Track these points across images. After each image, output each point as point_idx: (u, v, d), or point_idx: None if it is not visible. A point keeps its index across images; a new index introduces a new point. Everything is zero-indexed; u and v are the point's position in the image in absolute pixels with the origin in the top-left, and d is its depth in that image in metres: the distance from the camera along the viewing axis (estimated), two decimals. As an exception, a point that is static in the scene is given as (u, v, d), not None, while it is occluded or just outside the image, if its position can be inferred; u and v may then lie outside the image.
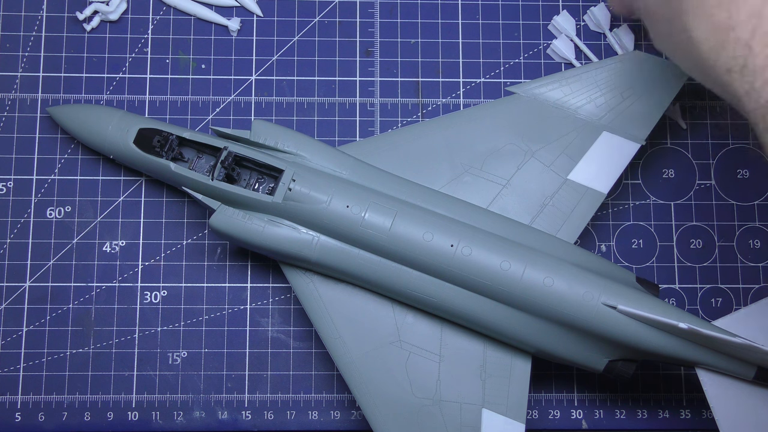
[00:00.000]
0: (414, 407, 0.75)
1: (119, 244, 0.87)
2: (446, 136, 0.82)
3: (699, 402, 0.85)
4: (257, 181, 0.79)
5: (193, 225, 0.88)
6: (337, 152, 0.79)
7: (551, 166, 0.81)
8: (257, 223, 0.76)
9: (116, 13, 0.91)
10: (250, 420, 0.85)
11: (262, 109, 0.90)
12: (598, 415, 0.86)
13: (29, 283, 0.86)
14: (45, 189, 0.87)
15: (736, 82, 0.59)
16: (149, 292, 0.87)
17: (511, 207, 0.80)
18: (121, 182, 0.88)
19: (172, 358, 0.86)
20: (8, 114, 0.89)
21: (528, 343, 0.75)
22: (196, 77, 0.91)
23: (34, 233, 0.87)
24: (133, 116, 0.82)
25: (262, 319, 0.87)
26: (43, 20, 0.91)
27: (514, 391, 0.76)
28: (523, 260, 0.73)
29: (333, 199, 0.75)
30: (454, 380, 0.76)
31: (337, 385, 0.85)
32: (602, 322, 0.72)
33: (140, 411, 0.85)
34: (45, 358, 0.85)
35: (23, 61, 0.90)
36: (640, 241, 0.89)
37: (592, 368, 0.76)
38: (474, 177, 0.81)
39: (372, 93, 0.91)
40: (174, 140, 0.80)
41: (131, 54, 0.91)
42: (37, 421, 0.84)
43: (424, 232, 0.74)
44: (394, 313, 0.78)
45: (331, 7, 0.93)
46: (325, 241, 0.76)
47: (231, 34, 0.92)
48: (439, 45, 0.93)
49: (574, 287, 0.73)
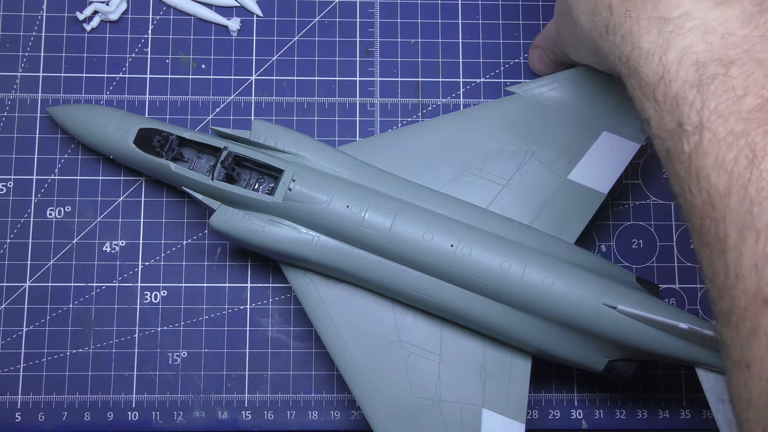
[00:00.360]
0: (414, 407, 0.75)
1: (119, 244, 0.87)
2: (446, 136, 0.82)
3: (699, 402, 0.86)
4: (257, 181, 0.79)
5: (193, 225, 0.88)
6: (337, 152, 0.79)
7: (551, 166, 0.81)
8: (257, 223, 0.76)
9: (116, 13, 0.91)
10: (250, 420, 0.85)
11: (262, 109, 0.90)
12: (598, 415, 0.86)
13: (29, 283, 0.86)
14: (45, 189, 0.88)
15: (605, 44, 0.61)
16: (149, 292, 0.87)
17: (511, 207, 0.80)
18: (121, 182, 0.88)
19: (172, 358, 0.86)
20: (8, 114, 0.89)
21: (528, 343, 0.75)
22: (196, 77, 0.91)
23: (34, 233, 0.87)
24: (133, 116, 0.82)
25: (262, 319, 0.87)
26: (43, 20, 0.91)
27: (514, 391, 0.76)
28: (523, 260, 0.73)
29: (333, 199, 0.75)
30: (454, 380, 0.76)
31: (337, 385, 0.85)
32: (602, 322, 0.72)
33: (140, 411, 0.85)
34: (45, 358, 0.85)
35: (23, 61, 0.90)
36: (640, 241, 0.89)
37: (591, 368, 0.76)
38: (474, 177, 0.81)
39: (372, 93, 0.91)
40: (174, 140, 0.80)
41: (131, 54, 0.91)
42: (37, 421, 0.84)
43: (424, 232, 0.74)
44: (394, 313, 0.78)
45: (331, 7, 0.93)
46: (325, 241, 0.76)
47: (231, 34, 0.92)
48: (439, 45, 0.93)
49: (574, 287, 0.73)
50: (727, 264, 0.49)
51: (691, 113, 0.52)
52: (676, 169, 0.54)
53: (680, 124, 0.53)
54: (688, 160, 0.52)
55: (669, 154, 0.55)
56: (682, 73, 0.53)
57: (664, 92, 0.54)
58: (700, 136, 0.51)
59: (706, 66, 0.52)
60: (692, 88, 0.52)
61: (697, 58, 0.53)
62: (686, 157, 0.52)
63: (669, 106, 0.54)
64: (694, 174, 0.52)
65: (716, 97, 0.51)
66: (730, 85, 0.51)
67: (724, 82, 0.51)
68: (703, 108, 0.51)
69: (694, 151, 0.52)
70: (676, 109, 0.53)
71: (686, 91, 0.53)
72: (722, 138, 0.50)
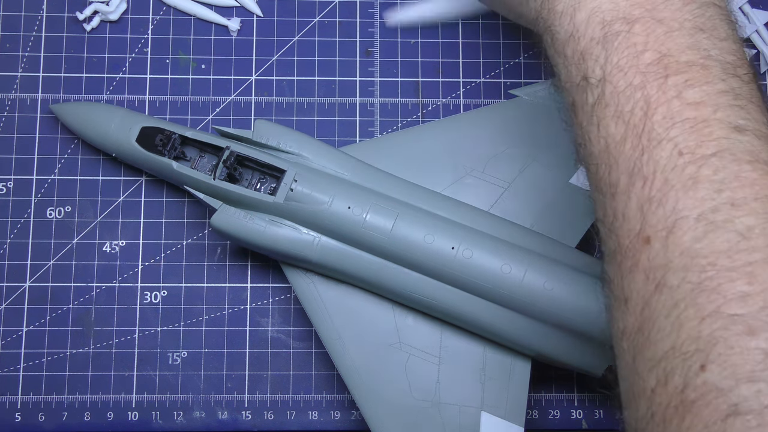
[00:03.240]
0: (413, 409, 0.75)
1: (119, 244, 0.87)
2: (448, 138, 0.82)
3: (697, 402, 0.86)
4: (259, 181, 0.79)
5: (193, 225, 0.88)
6: (339, 153, 0.79)
7: (553, 169, 0.81)
8: (258, 223, 0.76)
9: (116, 13, 0.91)
10: (250, 420, 0.85)
11: (262, 109, 0.90)
12: (598, 415, 0.86)
13: (29, 283, 0.86)
14: (45, 189, 0.87)
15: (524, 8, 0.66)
16: (149, 292, 0.87)
17: (513, 210, 0.80)
18: (121, 182, 0.88)
19: (172, 358, 0.86)
20: (8, 114, 0.89)
21: (527, 346, 0.75)
22: (196, 77, 0.91)
23: (34, 233, 0.87)
24: (136, 114, 0.83)
25: (262, 319, 0.87)
26: (43, 20, 0.91)
27: (513, 395, 0.76)
28: (523, 264, 0.73)
29: (334, 200, 0.75)
30: (453, 383, 0.76)
31: (337, 385, 0.86)
32: (602, 327, 0.72)
33: (140, 411, 0.85)
34: (45, 358, 0.85)
35: (23, 61, 0.90)
36: (639, 241, 0.89)
37: (591, 372, 0.76)
38: (476, 180, 0.81)
39: (372, 93, 0.91)
40: (176, 139, 0.80)
41: (131, 54, 0.91)
42: (37, 421, 0.84)
43: (426, 234, 0.74)
44: (394, 315, 0.78)
45: (331, 7, 0.93)
46: (326, 241, 0.76)
47: (231, 34, 0.92)
48: (439, 45, 0.93)
49: (575, 291, 0.73)
50: (616, 207, 0.53)
51: (595, 68, 0.55)
52: (580, 119, 0.57)
53: (585, 78, 0.56)
54: (591, 111, 0.55)
55: (574, 105, 0.58)
56: (590, 31, 0.56)
57: (573, 48, 0.58)
58: (602, 88, 0.55)
59: (612, 24, 0.55)
60: (597, 45, 0.56)
61: (604, 17, 0.56)
62: (589, 108, 0.56)
63: (576, 61, 0.57)
64: (595, 123, 0.55)
65: (618, 52, 0.54)
66: (632, 41, 0.54)
67: (627, 39, 0.54)
68: (606, 63, 0.55)
69: (597, 102, 0.55)
70: (582, 63, 0.56)
71: (592, 47, 0.56)
72: (621, 90, 0.53)
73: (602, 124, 0.54)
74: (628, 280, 0.52)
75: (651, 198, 0.50)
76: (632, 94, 0.53)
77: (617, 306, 0.54)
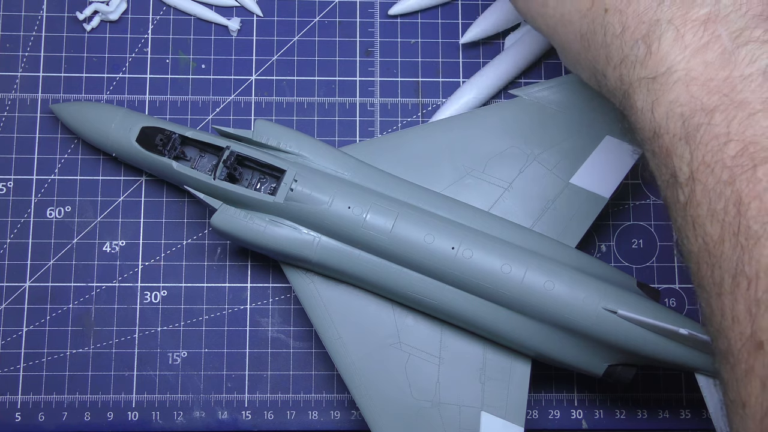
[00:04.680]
0: (413, 409, 0.75)
1: (119, 244, 0.87)
2: (449, 138, 0.82)
3: (699, 402, 0.85)
4: (259, 180, 0.79)
5: (193, 225, 0.88)
6: (340, 153, 0.79)
7: (553, 169, 0.80)
8: (258, 223, 0.76)
9: (116, 13, 0.91)
10: (250, 420, 0.85)
11: (262, 109, 0.90)
12: (598, 415, 0.86)
13: (29, 283, 0.86)
14: (45, 189, 0.87)
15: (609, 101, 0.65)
16: (149, 292, 0.87)
17: (513, 210, 0.80)
18: (121, 182, 0.88)
19: (172, 358, 0.86)
20: (8, 114, 0.89)
21: (528, 346, 0.75)
22: (196, 77, 0.91)
23: (34, 233, 0.87)
24: (136, 114, 0.82)
25: (262, 319, 0.87)
26: (43, 20, 0.91)
27: (513, 395, 0.76)
28: (524, 264, 0.73)
29: (335, 200, 0.75)
30: (453, 383, 0.76)
31: (337, 385, 0.86)
32: (602, 327, 0.72)
33: (140, 411, 0.85)
34: (45, 358, 0.85)
35: (23, 61, 0.90)
36: (640, 241, 0.89)
37: (591, 372, 0.76)
38: (476, 180, 0.81)
39: (372, 93, 0.91)
40: (177, 139, 0.80)
41: (131, 54, 0.91)
42: (37, 421, 0.84)
43: (426, 234, 0.74)
44: (394, 315, 0.78)
45: (331, 7, 0.93)
46: (327, 241, 0.76)
47: (231, 34, 0.92)
48: (439, 45, 0.93)
49: (575, 291, 0.73)
50: (723, 307, 0.51)
51: (682, 165, 0.54)
52: (674, 216, 0.56)
53: (674, 176, 0.55)
54: (684, 210, 0.54)
55: (667, 202, 0.57)
56: (671, 127, 0.55)
57: (659, 146, 0.56)
58: (692, 187, 0.53)
59: (692, 117, 0.53)
60: (680, 141, 0.54)
61: (683, 111, 0.54)
62: (682, 207, 0.54)
63: (663, 160, 0.56)
64: (690, 223, 0.54)
65: (702, 146, 0.52)
66: (714, 133, 0.52)
67: (708, 131, 0.52)
68: (692, 160, 0.53)
69: (688, 202, 0.53)
70: (669, 162, 0.55)
71: (675, 144, 0.54)
72: (711, 188, 0.52)
73: (697, 224, 0.53)
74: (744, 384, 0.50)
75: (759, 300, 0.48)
76: (722, 191, 0.51)
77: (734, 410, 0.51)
